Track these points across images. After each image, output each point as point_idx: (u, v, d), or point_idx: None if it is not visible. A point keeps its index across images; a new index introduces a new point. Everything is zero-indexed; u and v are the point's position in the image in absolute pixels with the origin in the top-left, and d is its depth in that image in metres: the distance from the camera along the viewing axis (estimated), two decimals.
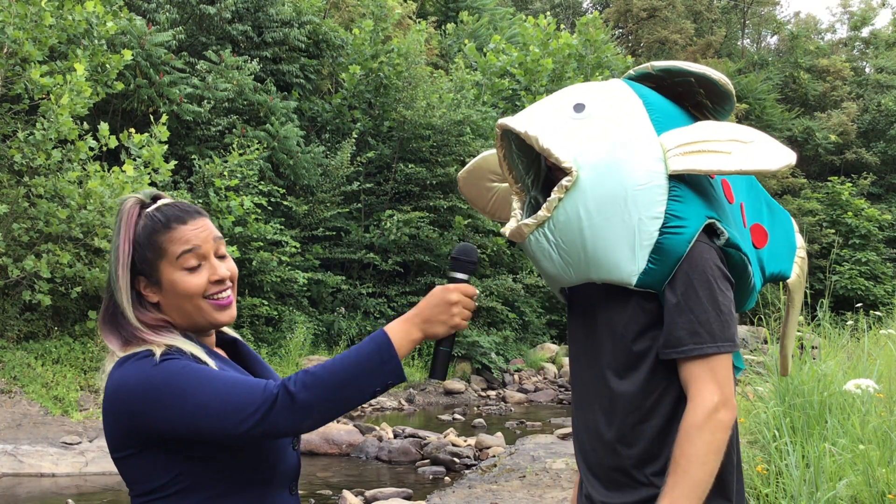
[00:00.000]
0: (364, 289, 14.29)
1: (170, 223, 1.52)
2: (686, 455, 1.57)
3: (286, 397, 1.38)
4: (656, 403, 1.69)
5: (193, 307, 1.52)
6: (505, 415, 12.12)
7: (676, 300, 1.64)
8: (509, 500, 6.30)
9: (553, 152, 1.66)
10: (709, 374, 1.61)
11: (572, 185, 1.65)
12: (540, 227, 1.70)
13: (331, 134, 15.62)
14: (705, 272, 1.65)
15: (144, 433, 1.43)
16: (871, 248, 26.05)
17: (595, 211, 1.65)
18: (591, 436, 1.78)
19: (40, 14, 8.88)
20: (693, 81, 1.80)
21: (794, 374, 4.60)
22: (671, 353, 1.65)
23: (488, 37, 22.05)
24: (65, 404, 8.94)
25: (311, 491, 7.11)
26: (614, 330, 1.72)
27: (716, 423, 1.58)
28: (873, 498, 3.49)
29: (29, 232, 9.09)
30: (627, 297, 1.70)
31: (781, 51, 38.38)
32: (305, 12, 15.03)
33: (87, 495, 6.68)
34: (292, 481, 1.61)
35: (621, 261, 1.66)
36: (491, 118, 16.54)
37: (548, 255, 1.73)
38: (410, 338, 1.49)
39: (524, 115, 1.77)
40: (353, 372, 1.42)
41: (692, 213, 1.66)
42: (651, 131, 1.71)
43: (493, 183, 2.09)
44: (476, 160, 2.09)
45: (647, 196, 1.65)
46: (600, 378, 1.75)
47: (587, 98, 1.75)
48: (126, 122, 11.87)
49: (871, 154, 30.53)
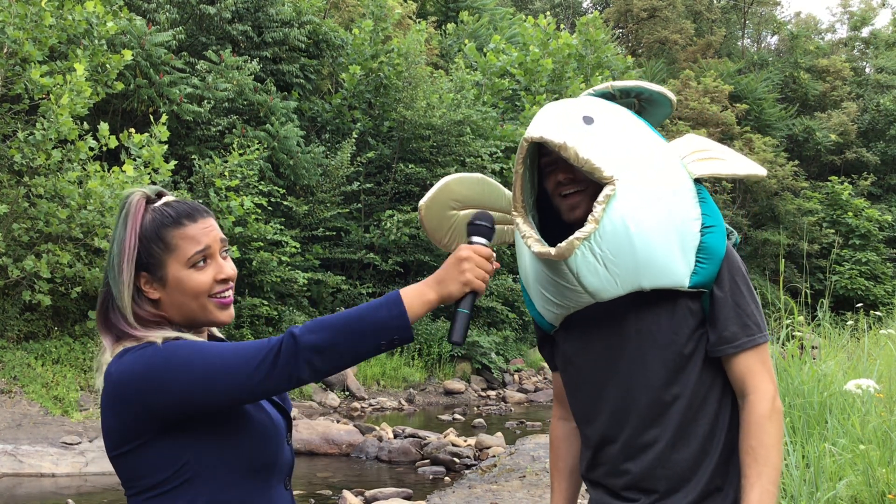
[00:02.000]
0: (364, 289, 14.30)
1: (180, 219, 1.52)
2: (764, 445, 1.65)
3: (290, 340, 1.39)
4: (704, 402, 1.73)
5: (198, 305, 1.53)
6: (505, 415, 12.12)
7: (724, 297, 1.70)
8: (509, 500, 6.30)
9: (593, 162, 1.64)
10: (762, 365, 1.71)
11: (614, 194, 1.63)
12: (585, 241, 1.65)
13: (331, 134, 15.62)
14: (740, 268, 1.74)
15: (155, 416, 1.42)
16: (871, 248, 26.07)
17: (641, 216, 1.64)
18: (633, 450, 1.76)
19: (40, 14, 8.88)
20: (636, 99, 1.88)
21: (794, 374, 4.61)
22: (727, 348, 1.70)
23: (488, 37, 22.05)
24: (65, 404, 8.94)
25: (311, 491, 7.11)
26: (658, 338, 1.71)
27: (778, 409, 1.68)
28: (873, 498, 3.49)
29: (29, 232, 9.09)
30: (674, 301, 1.71)
31: (781, 51, 38.39)
32: (305, 12, 15.03)
33: (87, 495, 6.68)
34: (287, 476, 1.62)
35: (674, 263, 1.67)
36: (491, 118, 16.55)
37: (593, 269, 1.67)
38: (424, 298, 1.46)
39: (544, 123, 1.70)
40: (359, 321, 1.41)
41: (716, 214, 1.73)
42: (660, 139, 1.76)
43: (453, 211, 2.00)
44: (437, 188, 1.99)
45: (684, 198, 1.69)
46: (638, 391, 1.74)
47: (591, 111, 1.73)
48: (126, 122, 11.87)
49: (871, 154, 30.54)
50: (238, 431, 1.49)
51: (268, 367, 1.39)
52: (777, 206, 26.07)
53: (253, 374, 1.39)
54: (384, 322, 1.41)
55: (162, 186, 9.79)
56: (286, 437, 1.62)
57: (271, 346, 1.40)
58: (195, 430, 1.45)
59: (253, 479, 1.51)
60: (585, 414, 1.85)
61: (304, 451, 8.70)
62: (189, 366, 1.40)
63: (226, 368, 1.39)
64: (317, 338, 1.39)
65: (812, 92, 32.36)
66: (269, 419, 1.56)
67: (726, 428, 1.73)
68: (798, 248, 23.87)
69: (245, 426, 1.50)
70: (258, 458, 1.51)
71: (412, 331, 1.44)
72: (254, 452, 1.51)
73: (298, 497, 6.85)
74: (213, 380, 1.39)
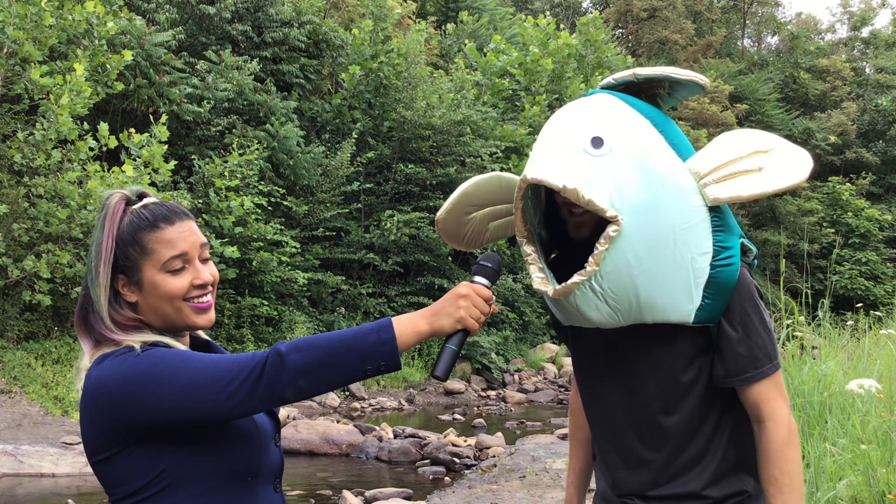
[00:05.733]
0: (364, 289, 14.29)
1: (157, 222, 1.50)
2: (787, 472, 1.65)
3: (276, 358, 1.36)
4: (700, 424, 1.72)
5: (173, 309, 1.50)
6: (505, 415, 12.12)
7: (735, 331, 1.66)
8: (509, 500, 6.30)
9: (596, 203, 1.57)
10: (775, 391, 1.69)
11: (618, 234, 1.58)
12: (587, 280, 1.62)
13: (331, 134, 15.62)
14: (752, 296, 1.67)
15: (131, 427, 1.40)
16: (871, 248, 26.08)
17: (645, 256, 1.59)
18: (631, 461, 1.78)
19: (40, 14, 8.88)
20: (665, 83, 1.78)
21: (794, 374, 4.60)
22: (735, 381, 1.68)
23: (488, 37, 22.04)
24: (65, 404, 8.94)
25: (311, 491, 7.11)
26: (658, 366, 1.71)
27: (794, 432, 1.67)
28: (873, 498, 3.49)
29: (29, 232, 9.09)
30: (676, 334, 1.68)
31: (781, 51, 38.39)
32: (305, 12, 15.03)
33: (87, 495, 6.68)
34: (276, 478, 1.60)
35: (677, 301, 1.63)
36: (491, 118, 16.54)
37: (594, 305, 1.65)
38: (415, 328, 1.44)
39: (545, 162, 1.64)
40: (348, 344, 1.39)
41: (733, 240, 1.66)
42: (677, 159, 1.65)
43: (470, 215, 2.01)
44: (454, 198, 1.97)
45: (695, 233, 1.61)
46: (638, 407, 1.75)
47: (601, 130, 1.63)
48: (126, 122, 11.86)
49: (871, 154, 30.56)
50: (218, 438, 1.47)
51: (249, 387, 1.36)
52: (777, 206, 26.08)
53: (233, 393, 1.36)
54: (373, 348, 1.39)
55: (162, 186, 9.88)
56: (273, 439, 1.59)
57: (255, 364, 1.37)
58: (173, 438, 1.43)
59: (236, 485, 1.49)
60: (588, 410, 1.88)
61: (304, 451, 8.70)
62: (168, 380, 1.37)
63: (206, 386, 1.36)
64: (303, 358, 1.36)
65: (812, 92, 32.37)
66: (253, 423, 1.53)
67: (722, 449, 1.73)
68: (798, 248, 23.88)
69: (226, 433, 1.48)
70: (241, 463, 1.49)
71: (400, 359, 1.42)
72: (236, 458, 1.48)
73: (298, 497, 6.85)
74: (192, 397, 1.36)
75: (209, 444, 1.46)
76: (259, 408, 1.39)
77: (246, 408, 1.38)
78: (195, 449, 1.45)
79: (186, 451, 1.44)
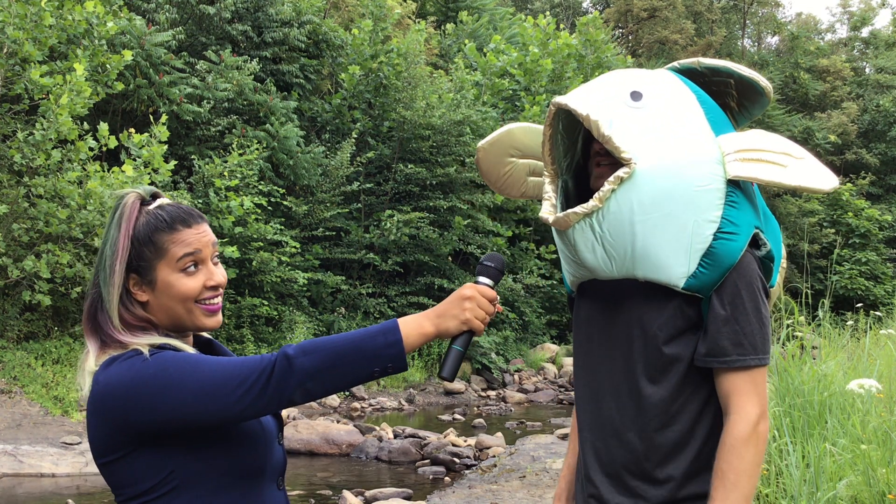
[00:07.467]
0: (364, 289, 14.30)
1: (174, 224, 1.51)
2: (735, 469, 1.58)
3: (284, 361, 1.37)
4: (682, 408, 1.68)
5: (185, 310, 1.51)
6: (505, 415, 12.12)
7: (723, 309, 1.63)
8: (509, 500, 6.30)
9: (614, 141, 1.59)
10: (751, 386, 1.62)
11: (628, 178, 1.59)
12: (587, 217, 1.63)
13: (331, 134, 15.62)
14: (752, 283, 1.64)
15: (140, 430, 1.40)
16: (871, 248, 26.08)
17: (650, 207, 1.59)
18: (607, 433, 1.75)
19: (40, 14, 8.88)
20: (731, 82, 1.79)
21: (794, 374, 4.60)
22: (713, 361, 1.63)
23: (488, 37, 22.04)
24: (65, 404, 8.94)
25: (311, 491, 7.11)
26: (646, 329, 1.68)
27: (759, 435, 1.60)
28: (873, 498, 3.49)
29: (29, 232, 9.09)
30: (668, 299, 1.66)
31: (781, 51, 38.40)
32: (305, 12, 15.03)
33: (87, 495, 6.68)
34: (280, 476, 1.61)
35: (671, 261, 1.62)
36: (491, 118, 16.54)
37: (591, 246, 1.66)
38: (421, 330, 1.46)
39: (579, 96, 1.67)
40: (355, 346, 1.40)
41: (744, 221, 1.65)
42: (709, 131, 1.67)
43: (512, 158, 2.01)
44: (499, 132, 2.00)
45: (706, 198, 1.61)
46: (622, 375, 1.72)
47: (644, 87, 1.67)
48: (126, 122, 11.87)
49: (871, 155, 30.56)
50: (225, 439, 1.48)
51: (258, 391, 1.37)
52: (778, 206, 26.08)
53: (243, 397, 1.37)
54: (380, 350, 1.41)
55: (161, 186, 9.87)
56: (277, 438, 1.61)
57: (263, 368, 1.38)
58: (180, 440, 1.43)
59: (243, 484, 1.50)
60: (577, 380, 1.87)
61: (304, 451, 8.70)
62: (178, 385, 1.38)
63: (215, 390, 1.37)
64: (311, 361, 1.38)
65: (812, 92, 32.38)
66: (259, 423, 1.54)
67: (701, 440, 1.68)
68: (798, 248, 23.89)
69: (233, 433, 1.49)
70: (247, 463, 1.50)
71: (406, 360, 1.43)
72: (242, 458, 1.50)
73: (298, 497, 6.85)
74: (202, 401, 1.37)
75: (217, 445, 1.46)
76: (268, 410, 1.41)
77: (255, 411, 1.39)
78: (203, 450, 1.45)
79: (194, 452, 1.45)
